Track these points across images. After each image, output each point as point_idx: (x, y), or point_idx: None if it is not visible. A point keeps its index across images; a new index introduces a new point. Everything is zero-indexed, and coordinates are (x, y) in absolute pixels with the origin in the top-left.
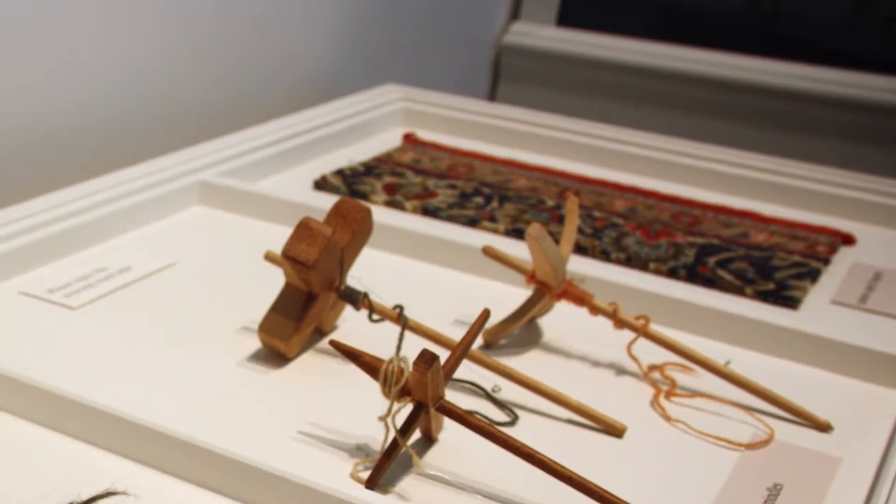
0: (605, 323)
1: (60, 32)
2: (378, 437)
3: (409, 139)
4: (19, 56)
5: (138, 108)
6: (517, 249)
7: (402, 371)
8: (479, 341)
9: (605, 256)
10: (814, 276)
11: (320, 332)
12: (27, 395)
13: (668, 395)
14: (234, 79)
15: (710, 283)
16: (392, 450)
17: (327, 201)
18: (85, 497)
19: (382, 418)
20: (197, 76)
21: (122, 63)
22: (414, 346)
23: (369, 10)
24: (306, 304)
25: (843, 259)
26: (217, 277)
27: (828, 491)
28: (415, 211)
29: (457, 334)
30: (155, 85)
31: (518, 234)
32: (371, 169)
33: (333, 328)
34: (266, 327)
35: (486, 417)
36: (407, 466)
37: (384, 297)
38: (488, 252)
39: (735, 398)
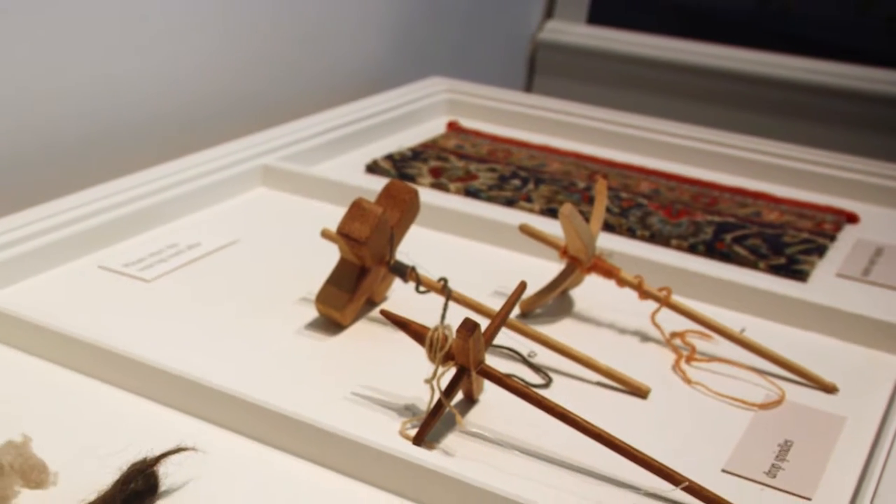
0: (630, 294)
1: (136, 30)
2: (424, 398)
3: (453, 127)
4: (100, 53)
5: (206, 99)
6: (551, 227)
7: (446, 338)
8: (516, 311)
9: (631, 234)
10: (821, 251)
11: (372, 303)
12: (105, 359)
13: (689, 359)
14: (294, 72)
15: (727, 257)
16: (437, 409)
17: (378, 183)
18: (157, 453)
19: (428, 381)
20: (260, 70)
21: (191, 58)
22: (457, 315)
23: (417, 9)
24: (359, 277)
25: (848, 236)
26: (278, 253)
27: (834, 447)
28: (458, 192)
29: (496, 304)
30: (222, 78)
31: (552, 213)
32: (418, 154)
33: (384, 299)
34: (322, 298)
35: (522, 380)
36: (450, 425)
37: (430, 271)
38: (525, 230)
39: (749, 362)
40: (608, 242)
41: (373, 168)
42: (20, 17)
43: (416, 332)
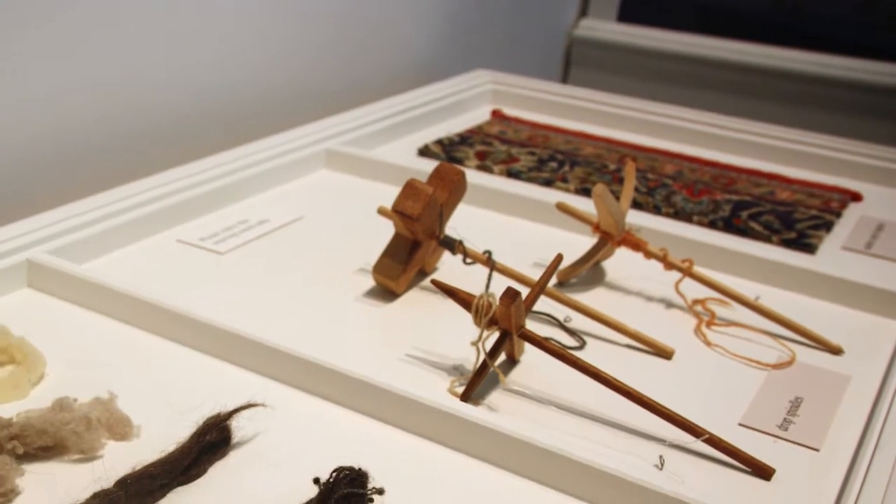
0: (656, 265)
1: (212, 27)
2: (470, 359)
3: (497, 115)
4: (180, 48)
5: (274, 89)
6: (585, 205)
7: (490, 305)
8: (553, 280)
9: (657, 211)
10: (828, 226)
11: (423, 273)
12: (182, 324)
13: (709, 324)
14: (353, 65)
15: (743, 232)
16: (482, 369)
17: (429, 165)
18: (230, 408)
19: (474, 343)
20: (322, 63)
21: (260, 53)
22: (500, 284)
23: (463, 8)
24: (412, 250)
25: (852, 213)
26: (338, 228)
27: (840, 403)
28: (501, 173)
29: (535, 274)
30: (288, 70)
31: (586, 192)
32: (465, 139)
33: (434, 269)
34: (379, 269)
35: (559, 342)
36: (494, 383)
37: (476, 244)
38: (561, 207)
39: (763, 327)
40: (636, 219)
41: (424, 151)
42: (112, 14)
43: (463, 299)
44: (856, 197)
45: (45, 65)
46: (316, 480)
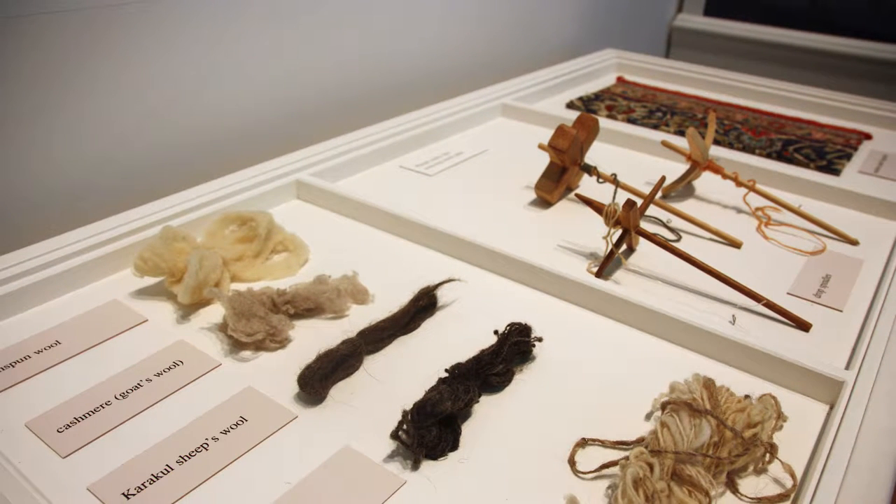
0: (730, 184)
1: (410, 20)
2: (602, 248)
3: (620, 80)
4: (398, 37)
5: (464, 62)
6: (680, 142)
7: (615, 210)
8: (659, 194)
9: (730, 146)
10: (848, 157)
11: (569, 189)
12: (405, 224)
13: (766, 224)
14: (519, 44)
15: (790, 161)
16: (610, 255)
17: (573, 115)
18: (436, 282)
19: (604, 237)
20: (497, 43)
21: (454, 36)
22: (622, 196)
23: (599, 6)
24: (561, 173)
25: (865, 148)
26: (511, 158)
27: (856, 278)
28: (623, 120)
29: (646, 190)
30: (473, 48)
31: (681, 133)
32: (598, 96)
33: (577, 186)
34: (539, 186)
35: (663, 236)
36: (618, 265)
37: (606, 169)
38: (665, 144)
39: (804, 226)
40: (716, 151)
41: (570, 105)
42: (367, 12)
43: (597, 207)
44: (867, 136)
45: (320, 48)
46: (495, 332)
